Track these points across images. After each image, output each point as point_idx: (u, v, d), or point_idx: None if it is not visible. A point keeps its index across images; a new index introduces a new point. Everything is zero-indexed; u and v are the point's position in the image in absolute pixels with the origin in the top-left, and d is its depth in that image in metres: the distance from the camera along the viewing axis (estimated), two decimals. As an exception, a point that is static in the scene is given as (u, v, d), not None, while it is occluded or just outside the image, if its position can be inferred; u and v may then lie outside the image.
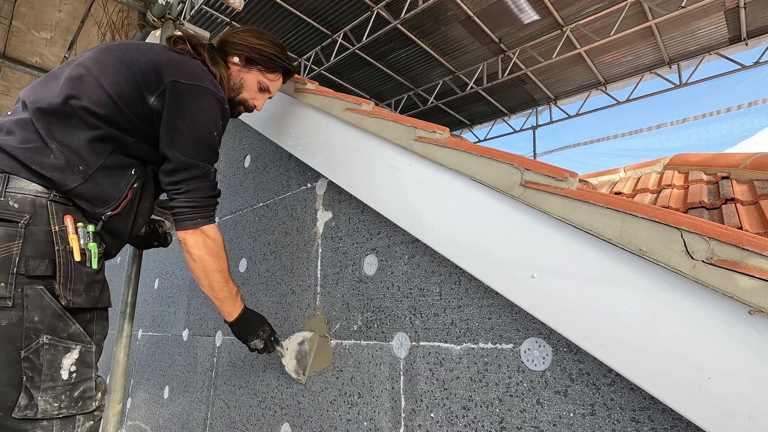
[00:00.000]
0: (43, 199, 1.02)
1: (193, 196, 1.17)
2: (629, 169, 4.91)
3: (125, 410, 2.56)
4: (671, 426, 0.70)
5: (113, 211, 1.12)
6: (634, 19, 6.91)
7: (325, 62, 8.08)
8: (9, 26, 2.91)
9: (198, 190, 1.17)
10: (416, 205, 1.07)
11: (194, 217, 1.17)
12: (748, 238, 0.60)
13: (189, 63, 1.20)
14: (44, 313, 0.98)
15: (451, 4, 6.67)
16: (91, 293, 1.07)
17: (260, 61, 1.35)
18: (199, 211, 1.18)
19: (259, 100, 1.41)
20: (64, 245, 1.02)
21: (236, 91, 1.36)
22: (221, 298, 1.25)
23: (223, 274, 1.24)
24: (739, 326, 0.59)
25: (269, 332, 1.35)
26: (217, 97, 1.19)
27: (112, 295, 1.19)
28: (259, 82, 1.38)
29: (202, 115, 1.15)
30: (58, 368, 0.99)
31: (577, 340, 0.74)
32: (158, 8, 2.25)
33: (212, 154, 1.20)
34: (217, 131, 1.20)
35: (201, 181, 1.18)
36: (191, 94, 1.14)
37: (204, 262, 1.20)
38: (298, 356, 1.40)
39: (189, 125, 1.13)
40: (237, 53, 1.34)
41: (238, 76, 1.36)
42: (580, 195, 0.77)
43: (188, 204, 1.17)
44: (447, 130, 1.10)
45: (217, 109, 1.19)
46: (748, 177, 3.69)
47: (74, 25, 2.97)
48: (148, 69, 1.12)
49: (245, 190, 1.97)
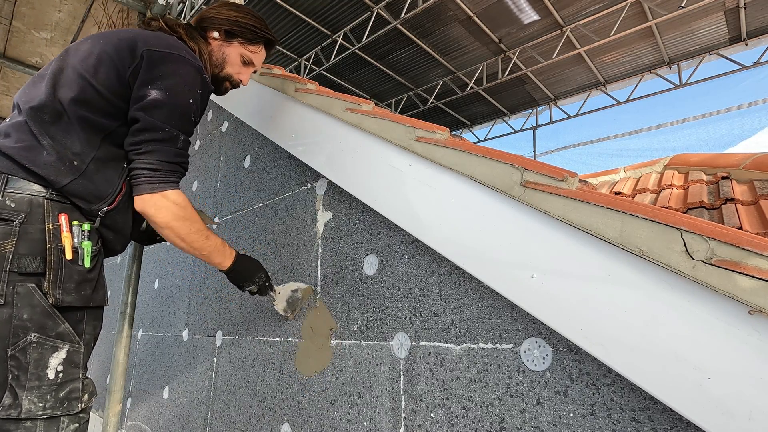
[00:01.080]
0: (41, 198, 1.02)
1: (153, 158, 1.09)
2: (629, 169, 4.91)
3: (125, 410, 2.56)
4: (671, 426, 0.70)
5: (109, 206, 1.11)
6: (634, 19, 6.91)
7: (325, 62, 8.08)
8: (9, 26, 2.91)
9: (160, 152, 1.10)
10: (416, 205, 1.07)
11: (152, 181, 1.09)
12: (748, 238, 0.60)
13: (163, 36, 1.19)
14: (33, 311, 0.97)
15: (451, 4, 6.67)
16: (81, 292, 1.06)
17: (240, 33, 1.34)
18: (157, 175, 1.09)
19: (244, 74, 1.40)
20: (56, 243, 1.01)
21: (219, 66, 1.35)
22: (206, 254, 1.22)
23: (201, 233, 1.18)
24: (739, 326, 0.59)
25: (265, 278, 1.37)
26: (195, 65, 1.16)
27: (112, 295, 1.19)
28: (242, 55, 1.36)
29: (177, 81, 1.11)
30: (45, 367, 0.98)
31: (577, 340, 0.74)
32: (158, 8, 2.25)
33: (185, 122, 1.14)
34: (193, 99, 1.15)
35: (165, 144, 1.11)
36: (165, 60, 1.11)
37: (174, 228, 1.13)
38: (289, 300, 1.47)
39: (161, 89, 1.09)
40: (216, 27, 1.33)
41: (219, 51, 1.34)
42: (580, 195, 0.77)
43: (146, 166, 1.09)
44: (447, 130, 1.10)
45: (195, 78, 1.15)
46: (748, 177, 3.69)
47: (74, 25, 2.97)
48: (123, 47, 1.11)
49: (245, 190, 1.97)
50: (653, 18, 6.82)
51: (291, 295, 1.47)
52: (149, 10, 2.30)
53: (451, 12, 6.86)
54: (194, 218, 1.17)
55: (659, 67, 8.21)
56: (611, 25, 7.00)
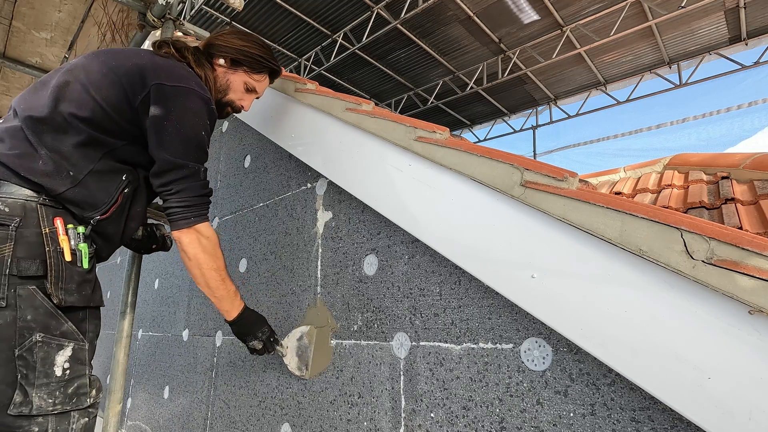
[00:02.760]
0: (34, 202, 1.05)
1: (185, 196, 1.18)
2: (629, 169, 4.91)
3: (125, 410, 2.56)
4: (671, 426, 0.70)
5: (102, 215, 1.14)
6: (634, 19, 6.91)
7: (325, 62, 8.08)
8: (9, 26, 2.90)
9: (189, 189, 1.18)
10: (416, 205, 1.07)
11: (187, 216, 1.18)
12: (748, 238, 0.60)
13: (173, 65, 1.22)
14: (37, 312, 1.01)
15: (451, 4, 6.67)
16: (83, 292, 1.09)
17: (245, 62, 1.37)
18: (191, 210, 1.19)
19: (246, 100, 1.43)
20: (55, 246, 1.05)
21: (223, 93, 1.38)
22: (219, 297, 1.26)
23: (219, 272, 1.24)
24: (739, 326, 0.59)
25: (269, 333, 1.35)
26: (203, 97, 1.20)
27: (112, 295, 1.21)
28: (246, 83, 1.40)
29: (189, 115, 1.16)
30: (52, 365, 1.02)
31: (577, 340, 0.74)
32: (158, 8, 2.25)
33: (201, 153, 1.21)
34: (204, 130, 1.20)
35: (191, 181, 1.19)
36: (176, 96, 1.15)
37: (199, 260, 1.21)
38: (299, 352, 1.40)
39: (175, 126, 1.14)
40: (222, 55, 1.36)
41: (224, 78, 1.37)
42: (580, 195, 0.77)
43: (180, 204, 1.18)
44: (447, 130, 1.10)
45: (203, 109, 1.19)
46: (748, 177, 3.69)
47: (74, 25, 2.97)
48: (134, 73, 1.14)
49: (245, 190, 1.97)
50: (653, 18, 6.83)
51: (298, 346, 1.40)
52: (149, 10, 2.30)
53: (451, 12, 6.86)
54: (217, 255, 1.24)
55: (659, 67, 8.22)
56: (611, 25, 7.01)
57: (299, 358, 1.39)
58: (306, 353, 1.38)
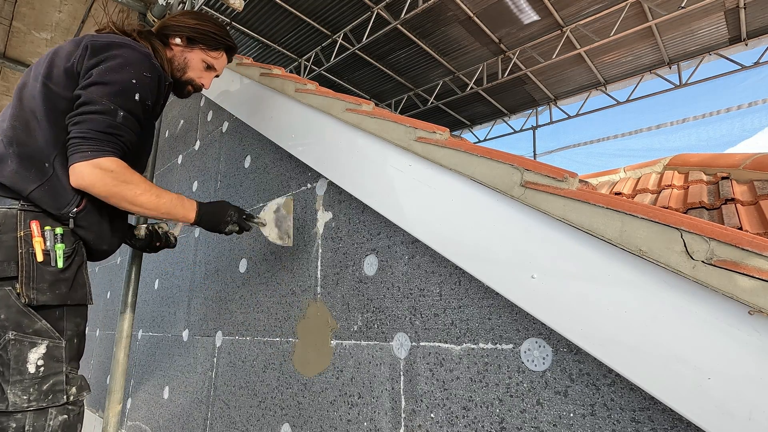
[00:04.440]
0: (14, 209, 1.10)
1: (85, 127, 1.08)
2: (629, 169, 4.91)
3: (125, 410, 2.56)
4: (671, 426, 0.70)
5: (77, 207, 1.16)
6: (634, 19, 6.91)
7: (325, 63, 8.08)
8: (9, 27, 2.91)
9: (93, 122, 1.09)
10: (416, 205, 1.07)
11: (83, 150, 1.07)
12: (748, 239, 0.60)
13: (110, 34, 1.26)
14: (9, 311, 1.04)
15: (451, 5, 6.67)
16: (56, 291, 1.11)
17: (201, 39, 1.41)
18: (89, 143, 1.08)
19: (206, 78, 1.47)
20: (27, 247, 1.09)
21: (181, 71, 1.42)
22: (165, 211, 1.22)
23: (150, 193, 1.17)
24: (739, 326, 0.59)
25: (237, 213, 1.36)
26: (140, 50, 1.22)
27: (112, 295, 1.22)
28: (204, 60, 1.44)
29: (118, 62, 1.16)
30: (25, 362, 1.05)
31: (577, 340, 0.74)
32: (158, 9, 2.25)
33: (126, 99, 1.14)
34: (136, 79, 1.16)
35: (100, 115, 1.10)
36: (108, 47, 1.17)
37: (117, 195, 1.12)
38: (278, 223, 1.43)
39: (101, 70, 1.13)
40: (177, 34, 1.40)
41: (181, 56, 1.41)
42: (580, 195, 0.77)
43: (78, 134, 1.08)
44: (447, 130, 1.10)
45: (140, 60, 1.19)
46: (748, 177, 3.69)
47: (74, 25, 2.97)
48: (69, 46, 1.21)
49: (245, 190, 1.97)
50: (653, 18, 6.82)
51: (276, 217, 1.42)
52: (149, 10, 2.30)
53: (451, 12, 6.86)
54: (136, 181, 1.15)
55: (659, 67, 8.21)
56: (611, 26, 7.00)
57: (279, 228, 1.42)
58: (285, 222, 1.42)
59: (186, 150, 2.66)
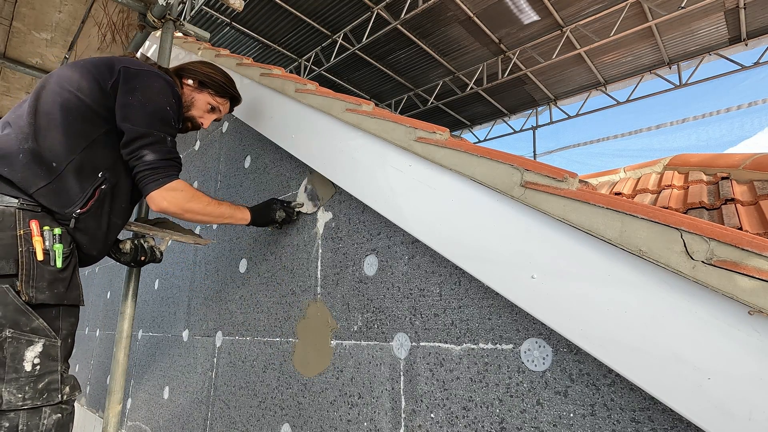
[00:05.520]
0: (12, 207, 1.11)
1: (150, 158, 1.22)
2: (629, 169, 4.91)
3: (125, 410, 2.56)
4: (671, 426, 0.70)
5: (81, 209, 1.19)
6: (633, 19, 6.91)
7: (325, 63, 8.09)
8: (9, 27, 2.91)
9: (155, 153, 1.23)
10: (416, 205, 1.07)
11: (156, 179, 1.22)
12: (748, 239, 0.60)
13: (137, 60, 1.37)
14: (7, 308, 1.05)
15: (451, 5, 6.67)
16: (54, 290, 1.13)
17: (211, 85, 1.55)
18: (159, 172, 1.23)
19: (206, 119, 1.59)
20: (28, 246, 1.10)
21: (187, 108, 1.53)
22: (228, 216, 1.40)
23: (212, 205, 1.34)
24: (739, 326, 0.59)
25: (280, 205, 1.53)
26: (167, 79, 1.32)
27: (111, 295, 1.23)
28: (209, 102, 1.57)
29: (151, 92, 1.27)
30: (21, 360, 1.06)
31: (577, 340, 0.74)
32: (158, 9, 2.25)
33: (166, 126, 1.28)
34: (169, 106, 1.29)
35: (157, 146, 1.24)
36: (140, 76, 1.28)
37: (191, 210, 1.28)
38: (310, 197, 1.57)
39: (140, 100, 1.24)
40: (191, 77, 1.53)
41: (190, 95, 1.53)
42: (580, 195, 0.77)
43: (147, 167, 1.22)
44: (447, 130, 1.10)
45: (167, 89, 1.31)
46: (748, 177, 3.69)
47: (74, 25, 2.97)
48: (102, 64, 1.28)
49: (245, 190, 1.97)
50: (653, 18, 6.83)
51: (307, 194, 1.58)
52: (149, 11, 2.30)
53: (451, 12, 6.86)
54: (198, 196, 1.31)
55: (659, 67, 8.22)
56: (611, 26, 7.01)
57: (311, 201, 1.56)
58: (315, 193, 1.56)
59: (186, 150, 2.66)
